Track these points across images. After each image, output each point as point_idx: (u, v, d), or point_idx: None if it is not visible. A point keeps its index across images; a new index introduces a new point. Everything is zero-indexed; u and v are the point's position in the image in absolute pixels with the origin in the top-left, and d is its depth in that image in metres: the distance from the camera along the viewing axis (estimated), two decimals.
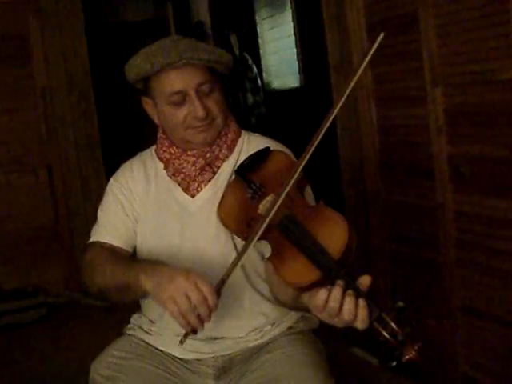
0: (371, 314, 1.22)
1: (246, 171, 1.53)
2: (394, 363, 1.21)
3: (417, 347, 1.20)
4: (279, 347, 1.54)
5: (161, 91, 1.57)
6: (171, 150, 1.63)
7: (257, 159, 1.54)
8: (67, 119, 3.89)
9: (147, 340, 1.62)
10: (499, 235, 2.04)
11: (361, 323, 1.23)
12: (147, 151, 1.73)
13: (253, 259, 1.54)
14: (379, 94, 2.52)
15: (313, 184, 1.56)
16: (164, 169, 1.65)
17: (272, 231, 1.38)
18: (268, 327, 1.60)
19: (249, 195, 1.49)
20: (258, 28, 5.45)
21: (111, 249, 1.61)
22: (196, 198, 1.60)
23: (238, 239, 1.52)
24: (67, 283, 3.92)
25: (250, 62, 5.21)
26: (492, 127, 2.01)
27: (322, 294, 1.24)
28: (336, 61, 2.73)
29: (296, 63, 4.93)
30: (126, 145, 2.78)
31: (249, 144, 1.66)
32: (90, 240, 1.66)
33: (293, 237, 1.34)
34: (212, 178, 1.61)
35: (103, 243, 1.63)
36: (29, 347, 3.24)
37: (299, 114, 4.72)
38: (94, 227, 1.68)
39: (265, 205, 1.45)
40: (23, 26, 3.77)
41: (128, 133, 5.17)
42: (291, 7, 4.86)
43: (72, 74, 3.87)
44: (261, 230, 1.36)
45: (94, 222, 1.69)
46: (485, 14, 1.95)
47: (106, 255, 1.57)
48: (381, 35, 1.37)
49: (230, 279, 1.36)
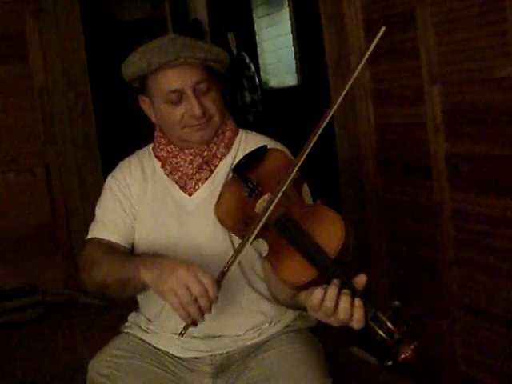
0: (367, 314, 1.22)
1: (243, 169, 1.53)
2: (390, 362, 1.21)
3: (413, 346, 1.19)
4: (277, 345, 1.54)
5: (158, 90, 1.56)
6: (168, 149, 1.63)
7: (254, 157, 1.54)
8: (65, 118, 3.88)
9: (145, 338, 1.62)
10: (497, 234, 2.04)
11: (356, 322, 1.23)
12: (144, 149, 1.73)
13: (250, 257, 1.54)
14: (377, 93, 2.51)
15: (310, 183, 1.56)
16: (161, 167, 1.65)
17: (269, 230, 1.38)
18: (266, 325, 1.60)
19: (246, 194, 1.49)
20: (256, 26, 5.45)
21: (109, 245, 1.60)
22: (193, 197, 1.60)
23: (236, 237, 1.52)
24: (65, 282, 3.91)
25: (248, 61, 5.21)
26: (490, 125, 2.01)
27: (318, 293, 1.24)
28: (333, 59, 2.73)
29: (293, 62, 4.93)
30: (124, 144, 2.78)
31: (246, 142, 1.66)
32: (88, 236, 1.66)
33: (289, 235, 1.34)
34: (209, 177, 1.61)
35: (101, 239, 1.62)
36: (27, 346, 3.24)
37: (297, 113, 4.73)
38: (92, 224, 1.68)
39: (262, 203, 1.45)
40: (21, 26, 3.75)
41: (125, 132, 5.17)
42: (289, 5, 4.86)
43: (70, 73, 3.87)
44: (257, 229, 1.36)
45: (92, 221, 1.69)
46: (482, 12, 1.95)
47: (104, 250, 1.57)
48: (382, 29, 1.35)
49: (229, 274, 1.36)
